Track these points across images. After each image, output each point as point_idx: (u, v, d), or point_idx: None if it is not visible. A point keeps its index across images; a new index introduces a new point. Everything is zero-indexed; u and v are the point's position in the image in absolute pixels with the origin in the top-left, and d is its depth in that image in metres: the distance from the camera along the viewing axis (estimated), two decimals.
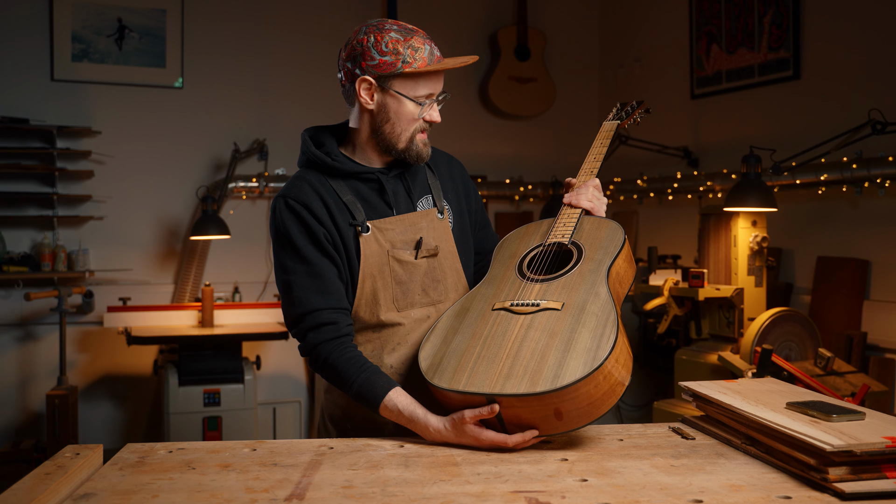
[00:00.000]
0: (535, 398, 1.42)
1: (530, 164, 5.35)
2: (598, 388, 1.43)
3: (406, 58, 1.69)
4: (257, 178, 4.69)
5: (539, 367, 1.45)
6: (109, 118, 4.56)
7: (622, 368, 1.48)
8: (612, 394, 1.46)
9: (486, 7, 5.33)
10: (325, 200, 1.74)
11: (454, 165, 1.96)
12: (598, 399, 1.44)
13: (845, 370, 3.14)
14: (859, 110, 3.39)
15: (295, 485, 1.29)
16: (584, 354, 1.44)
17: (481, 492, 1.25)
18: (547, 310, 1.56)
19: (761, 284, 3.27)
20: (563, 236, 1.74)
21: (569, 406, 1.42)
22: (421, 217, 1.81)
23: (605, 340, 1.45)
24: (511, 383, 1.44)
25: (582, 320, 1.51)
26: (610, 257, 1.65)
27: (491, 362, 1.50)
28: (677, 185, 4.46)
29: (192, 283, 4.63)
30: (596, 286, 1.58)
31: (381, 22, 1.76)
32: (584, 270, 1.64)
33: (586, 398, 1.42)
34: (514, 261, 1.76)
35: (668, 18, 4.86)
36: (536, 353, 1.47)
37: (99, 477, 1.34)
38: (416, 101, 1.72)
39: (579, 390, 1.41)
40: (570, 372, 1.41)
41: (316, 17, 4.96)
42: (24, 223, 4.44)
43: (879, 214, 3.51)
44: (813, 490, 1.26)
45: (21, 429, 4.41)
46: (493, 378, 1.47)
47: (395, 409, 1.59)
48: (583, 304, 1.54)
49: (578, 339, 1.47)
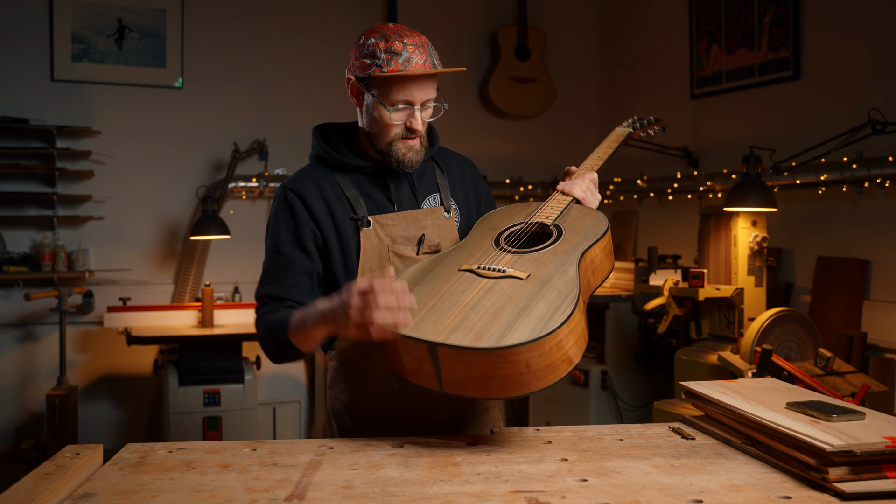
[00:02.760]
0: (475, 353, 1.40)
1: (530, 164, 5.35)
2: (542, 358, 1.41)
3: (380, 62, 1.70)
4: (257, 178, 4.69)
5: (487, 325, 1.44)
6: (109, 118, 4.56)
7: (573, 346, 1.46)
8: (554, 369, 1.43)
9: (486, 7, 5.33)
10: (325, 195, 1.79)
11: (466, 166, 1.98)
12: (539, 370, 1.42)
13: (845, 370, 3.14)
14: (859, 110, 3.39)
15: (295, 485, 1.29)
16: (534, 321, 1.42)
17: (481, 492, 1.25)
18: (511, 277, 1.56)
19: (761, 284, 3.27)
20: (548, 218, 1.76)
21: (506, 370, 1.41)
22: (425, 214, 1.83)
23: (560, 313, 1.44)
24: (456, 336, 1.43)
25: (543, 292, 1.50)
26: (588, 242, 1.65)
27: (442, 315, 1.50)
28: (677, 185, 4.46)
29: (192, 283, 4.63)
30: (566, 265, 1.58)
31: (383, 25, 1.77)
32: (559, 250, 1.64)
33: (525, 365, 1.40)
34: (494, 232, 1.76)
35: (667, 18, 4.86)
36: (489, 314, 1.47)
37: (99, 477, 1.34)
38: (391, 106, 1.72)
39: (520, 354, 1.39)
40: (516, 335, 1.40)
41: (316, 17, 4.96)
42: (24, 223, 4.44)
43: (879, 214, 3.51)
44: (813, 490, 1.26)
45: (21, 429, 4.41)
46: (440, 329, 1.46)
47: (299, 316, 1.61)
48: (548, 278, 1.54)
49: (534, 307, 1.46)
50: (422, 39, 1.74)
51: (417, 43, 1.72)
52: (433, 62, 1.74)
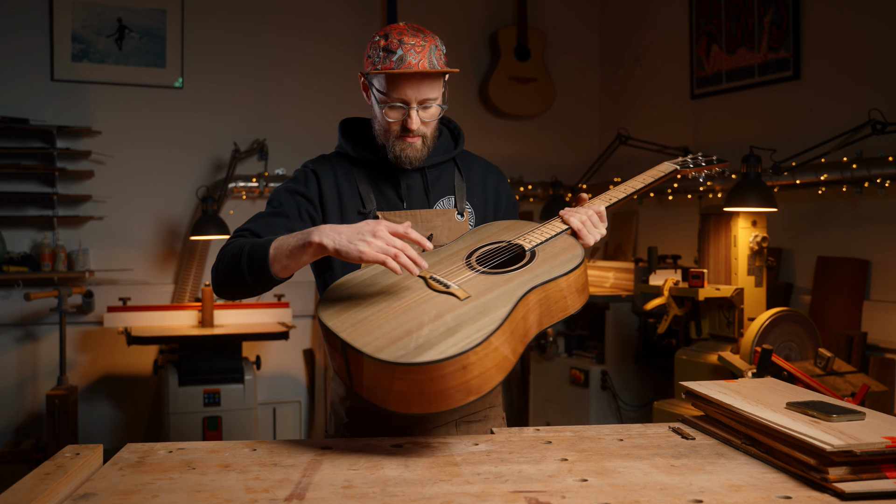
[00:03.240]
0: (371, 361, 1.41)
1: (530, 164, 5.35)
2: (433, 383, 1.39)
3: (377, 59, 1.75)
4: (257, 178, 4.69)
5: (400, 337, 1.43)
6: (109, 118, 4.57)
7: (477, 378, 1.40)
8: (447, 396, 1.40)
9: (486, 7, 5.33)
10: (338, 182, 1.84)
11: (491, 172, 1.98)
12: (431, 394, 1.39)
13: (845, 370, 3.14)
14: (859, 110, 3.39)
15: (295, 485, 1.29)
16: (444, 345, 1.40)
17: (481, 492, 1.25)
18: (451, 295, 1.54)
19: (761, 284, 3.27)
20: (530, 242, 1.70)
21: (396, 385, 1.40)
22: (436, 215, 1.84)
23: (467, 343, 1.39)
24: (364, 339, 1.44)
25: (471, 317, 1.46)
26: (546, 277, 1.58)
27: (370, 314, 1.50)
28: (677, 185, 4.46)
29: (192, 283, 4.63)
30: (510, 294, 1.52)
31: (397, 23, 1.79)
32: (515, 278, 1.58)
33: (416, 385, 1.39)
34: (476, 244, 1.74)
35: (668, 18, 4.86)
36: (408, 325, 1.46)
37: (99, 477, 1.34)
38: (385, 104, 1.75)
39: (410, 374, 1.38)
40: (416, 353, 1.39)
41: (316, 17, 4.96)
42: (24, 223, 4.44)
43: (879, 214, 3.51)
44: (813, 490, 1.26)
45: (21, 429, 4.41)
46: (357, 328, 1.47)
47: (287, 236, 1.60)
48: (485, 304, 1.50)
49: (454, 330, 1.44)
50: (426, 39, 1.74)
51: (417, 42, 1.72)
52: (431, 62, 1.73)
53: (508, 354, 1.46)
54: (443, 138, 1.94)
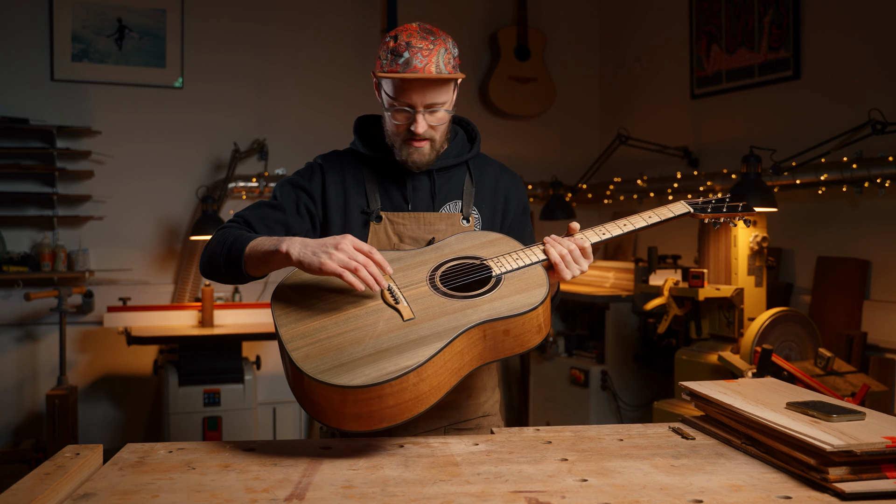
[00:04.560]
0: (294, 367, 1.42)
1: (530, 164, 5.35)
2: (349, 406, 1.39)
3: (384, 62, 1.71)
4: (257, 178, 4.69)
5: (328, 348, 1.44)
6: (109, 118, 4.56)
7: (392, 408, 1.39)
8: (358, 418, 1.40)
9: (486, 7, 5.33)
10: (345, 178, 1.83)
11: (503, 179, 1.92)
12: (348, 413, 1.40)
13: (845, 370, 3.14)
14: (859, 110, 3.39)
15: (295, 485, 1.29)
16: (368, 367, 1.40)
17: (481, 492, 1.25)
18: (397, 311, 1.52)
19: (761, 284, 3.27)
20: (501, 267, 1.63)
21: (313, 397, 1.42)
22: (440, 218, 1.82)
23: (382, 375, 1.38)
24: (298, 342, 1.45)
25: (406, 342, 1.44)
26: (498, 314, 1.51)
27: (315, 314, 1.52)
28: (677, 185, 4.46)
29: (192, 283, 4.63)
30: (453, 326, 1.48)
31: (408, 24, 1.75)
32: (466, 307, 1.53)
33: (328, 402, 1.40)
34: (449, 255, 1.68)
35: (668, 18, 4.86)
36: (343, 338, 1.47)
37: (99, 477, 1.34)
38: (391, 107, 1.73)
39: (327, 393, 1.39)
40: (332, 374, 1.39)
41: (316, 17, 4.96)
42: (24, 223, 4.43)
43: (879, 214, 3.51)
44: (813, 490, 1.26)
45: (21, 429, 4.41)
46: (300, 326, 1.49)
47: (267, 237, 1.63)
48: (422, 332, 1.47)
49: (386, 353, 1.43)
50: (435, 42, 1.70)
51: (426, 46, 1.68)
52: (438, 66, 1.69)
53: (429, 389, 1.43)
54: (457, 141, 1.89)
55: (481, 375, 1.87)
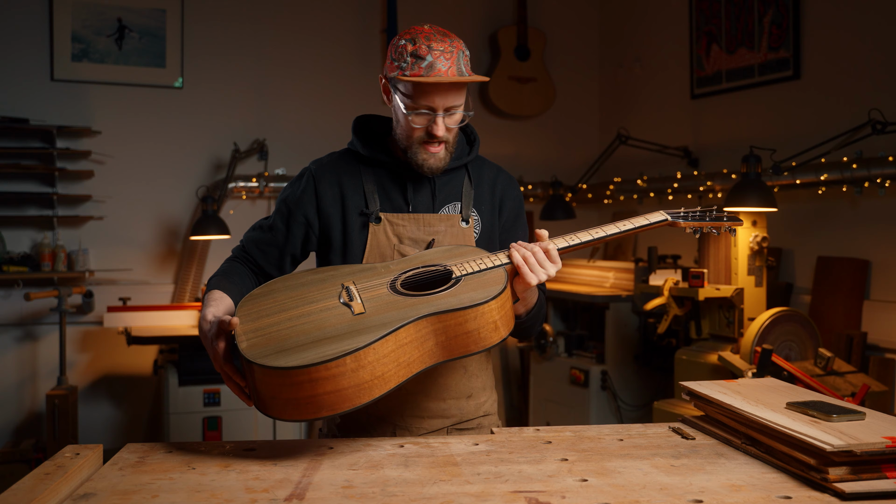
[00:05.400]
0: (242, 355, 1.44)
1: (530, 164, 5.35)
2: (282, 390, 1.40)
3: (404, 65, 1.69)
4: (257, 178, 4.69)
5: (276, 337, 1.46)
6: (109, 118, 4.57)
7: (329, 395, 1.39)
8: (297, 405, 1.40)
9: (486, 7, 5.33)
10: (341, 182, 1.83)
11: (501, 181, 1.92)
12: (284, 399, 1.41)
13: (845, 370, 3.14)
14: (859, 110, 3.39)
15: (295, 485, 1.29)
16: (306, 354, 1.41)
17: (481, 492, 1.25)
18: (348, 307, 1.54)
19: (761, 284, 3.27)
20: (462, 269, 1.63)
21: (258, 385, 1.43)
22: (440, 220, 1.82)
23: (316, 357, 1.39)
24: (254, 341, 1.47)
25: (354, 330, 1.46)
26: (447, 307, 1.51)
27: (273, 310, 1.55)
28: (677, 185, 4.46)
29: (192, 283, 4.63)
30: (398, 318, 1.49)
31: (418, 26, 1.74)
32: (417, 303, 1.53)
33: (269, 388, 1.41)
34: (417, 263, 1.68)
35: (667, 18, 4.86)
36: (292, 329, 1.49)
37: (99, 477, 1.34)
38: (412, 110, 1.71)
39: (264, 377, 1.41)
40: (272, 358, 1.41)
41: (316, 18, 4.96)
42: (24, 223, 4.44)
43: (879, 214, 3.51)
44: (813, 490, 1.26)
45: (21, 429, 4.41)
46: (257, 320, 1.52)
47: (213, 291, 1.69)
48: (368, 324, 1.48)
49: (329, 340, 1.44)
50: (453, 45, 1.69)
51: (446, 48, 1.68)
52: (460, 69, 1.69)
53: (371, 379, 1.42)
54: (457, 143, 1.89)
55: (481, 376, 1.87)
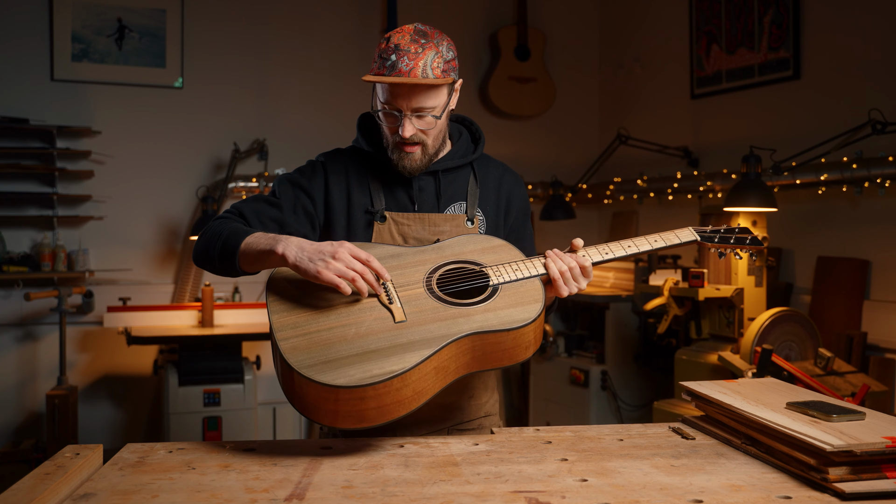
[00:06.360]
0: (281, 358, 1.43)
1: (530, 164, 5.35)
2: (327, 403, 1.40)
3: (374, 62, 1.69)
4: (257, 178, 4.69)
5: (318, 342, 1.45)
6: (109, 118, 4.57)
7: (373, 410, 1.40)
8: (339, 417, 1.41)
9: (486, 7, 5.33)
10: (349, 177, 1.80)
11: (506, 180, 1.91)
12: (326, 410, 1.41)
13: (845, 370, 3.14)
14: (859, 110, 3.39)
15: (295, 485, 1.29)
16: (352, 368, 1.40)
17: (481, 492, 1.25)
18: (389, 311, 1.52)
19: (761, 284, 3.27)
20: (500, 277, 1.61)
21: (300, 392, 1.42)
22: (445, 220, 1.81)
23: (366, 378, 1.39)
24: (287, 332, 1.46)
25: (394, 345, 1.44)
26: (490, 327, 1.51)
27: (310, 304, 1.53)
28: (677, 185, 4.46)
29: (192, 283, 4.63)
30: (443, 334, 1.47)
31: (407, 25, 1.72)
32: (459, 315, 1.52)
33: (313, 399, 1.41)
34: (449, 257, 1.67)
35: (668, 18, 4.86)
36: (333, 333, 1.47)
37: (99, 477, 1.34)
38: (378, 109, 1.71)
39: (309, 388, 1.40)
40: (317, 371, 1.40)
41: (316, 18, 4.96)
42: (24, 223, 4.43)
43: (879, 214, 3.51)
44: (813, 490, 1.26)
45: (21, 429, 4.41)
46: (292, 315, 1.50)
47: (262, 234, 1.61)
48: (411, 337, 1.46)
49: (373, 355, 1.43)
50: (426, 46, 1.66)
51: (414, 49, 1.64)
52: (424, 72, 1.64)
53: (412, 394, 1.43)
54: (461, 141, 1.88)
55: (482, 376, 1.87)
